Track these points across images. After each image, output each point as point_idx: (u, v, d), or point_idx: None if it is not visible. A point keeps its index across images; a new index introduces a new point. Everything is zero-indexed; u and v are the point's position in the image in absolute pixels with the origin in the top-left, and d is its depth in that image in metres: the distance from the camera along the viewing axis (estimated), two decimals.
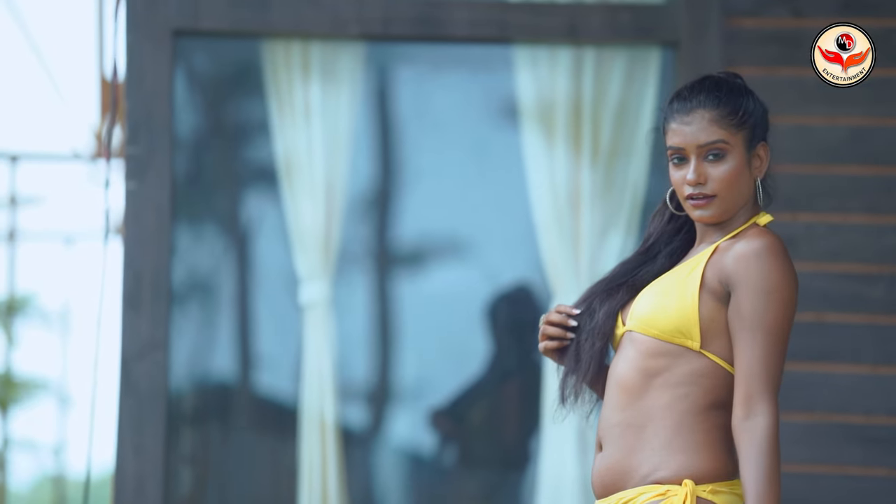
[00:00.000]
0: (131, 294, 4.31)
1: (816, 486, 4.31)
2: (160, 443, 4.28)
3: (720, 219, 2.64)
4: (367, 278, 4.61)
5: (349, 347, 4.52)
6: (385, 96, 4.63)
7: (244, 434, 4.54)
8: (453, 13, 4.45)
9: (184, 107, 4.49)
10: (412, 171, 4.65)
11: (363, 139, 4.54)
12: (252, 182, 4.64)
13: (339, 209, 4.47)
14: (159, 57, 4.38)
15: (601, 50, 4.52)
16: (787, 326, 2.59)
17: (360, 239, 4.58)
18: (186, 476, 4.44)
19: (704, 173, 2.62)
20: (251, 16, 4.44)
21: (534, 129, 4.52)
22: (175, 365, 4.39)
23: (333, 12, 4.44)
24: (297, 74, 4.48)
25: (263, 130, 4.52)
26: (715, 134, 2.62)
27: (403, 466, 4.63)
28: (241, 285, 4.54)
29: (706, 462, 2.54)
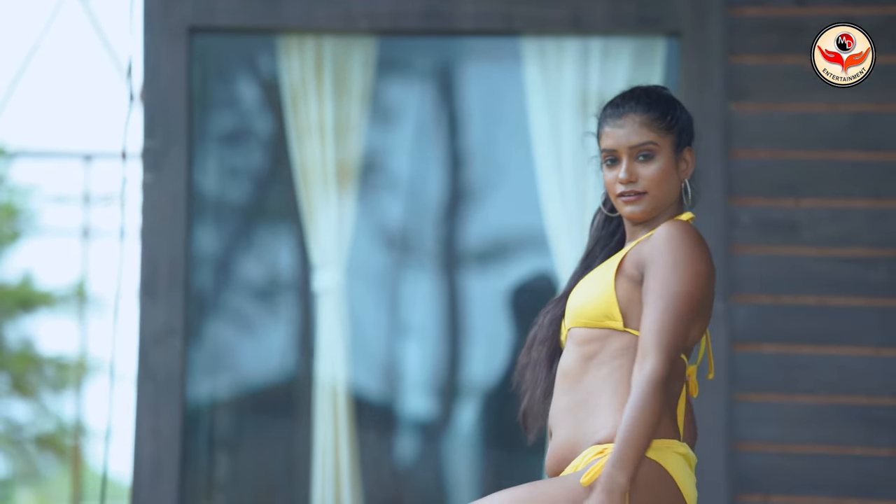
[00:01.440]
0: (148, 282, 4.37)
1: (821, 467, 4.32)
2: (177, 427, 4.34)
3: (649, 215, 2.80)
4: (378, 266, 4.66)
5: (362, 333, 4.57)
6: (396, 87, 4.69)
7: (259, 418, 4.59)
8: (460, 7, 4.49)
9: (199, 101, 4.55)
10: (426, 160, 4.70)
11: (374, 129, 4.59)
12: (267, 174, 4.69)
13: (350, 199, 4.54)
14: (175, 53, 4.45)
15: (607, 41, 4.55)
16: (690, 298, 2.66)
17: (370, 226, 4.63)
18: (203, 459, 4.48)
19: (635, 172, 2.79)
20: (264, 13, 4.50)
21: (542, 119, 4.55)
22: (192, 351, 4.45)
23: (344, 8, 4.49)
24: (310, 68, 4.54)
25: (278, 123, 4.59)
26: (645, 136, 2.79)
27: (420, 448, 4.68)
28: (256, 274, 4.60)
29: None
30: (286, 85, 4.55)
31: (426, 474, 4.58)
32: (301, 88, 4.53)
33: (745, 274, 4.39)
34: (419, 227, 4.63)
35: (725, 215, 4.39)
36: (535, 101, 4.54)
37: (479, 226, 4.67)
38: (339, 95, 4.54)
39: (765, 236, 4.41)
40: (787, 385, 4.36)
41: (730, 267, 4.37)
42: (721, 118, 4.41)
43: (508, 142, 4.68)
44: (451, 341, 4.63)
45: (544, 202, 4.51)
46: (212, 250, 4.55)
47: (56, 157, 13.52)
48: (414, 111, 4.71)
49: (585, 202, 4.49)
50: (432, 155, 4.68)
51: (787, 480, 4.34)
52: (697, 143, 2.88)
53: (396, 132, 4.69)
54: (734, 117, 4.44)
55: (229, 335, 4.60)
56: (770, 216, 4.41)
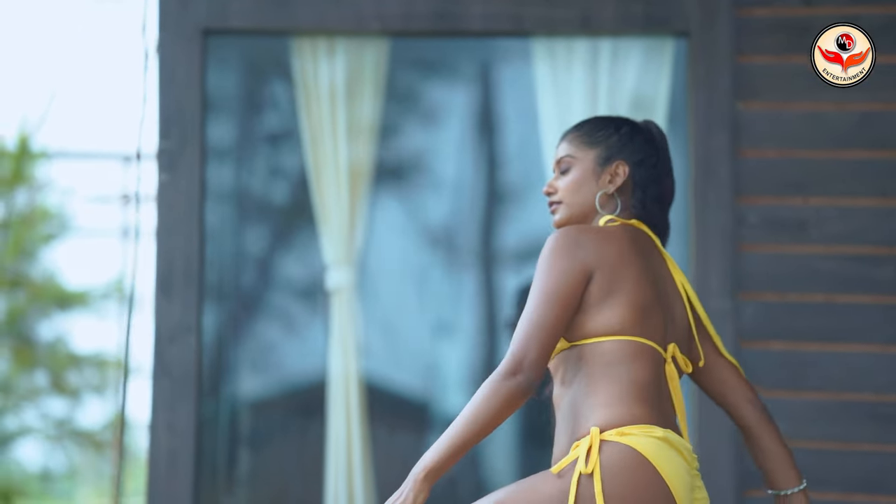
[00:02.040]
0: (164, 280, 4.41)
1: (828, 463, 4.33)
2: (192, 422, 4.38)
3: (566, 222, 2.93)
4: (398, 264, 4.69)
5: (372, 333, 4.61)
6: (406, 87, 4.71)
7: (272, 413, 4.64)
8: (469, 8, 4.52)
9: (214, 102, 4.59)
10: (428, 157, 4.73)
11: (387, 127, 4.63)
12: (280, 173, 4.73)
13: (364, 198, 4.57)
14: (190, 55, 4.49)
15: (616, 41, 4.57)
16: (542, 293, 2.73)
17: (384, 225, 4.66)
18: (218, 452, 4.53)
19: (555, 185, 2.96)
20: (277, 15, 4.53)
21: (551, 119, 4.57)
22: (206, 347, 4.50)
23: (355, 10, 4.52)
24: (324, 69, 4.58)
25: (291, 123, 4.63)
26: (564, 151, 2.97)
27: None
28: (270, 272, 4.64)
29: (613, 412, 2.68)
30: (299, 85, 4.58)
31: (466, 474, 4.61)
32: (314, 89, 4.56)
33: (752, 272, 4.40)
34: (440, 225, 4.67)
35: (733, 214, 4.40)
36: (545, 102, 4.56)
37: (500, 227, 4.70)
38: (351, 96, 4.57)
39: (773, 235, 4.42)
40: (794, 382, 4.37)
41: (737, 265, 4.39)
42: (729, 118, 4.42)
43: (519, 141, 4.70)
44: (488, 339, 4.66)
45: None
46: (228, 249, 4.60)
47: (95, 157, 13.64)
48: (425, 111, 4.74)
49: None
50: (445, 154, 4.71)
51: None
52: (650, 160, 2.96)
53: (408, 131, 4.72)
54: (742, 117, 4.45)
55: (247, 333, 4.64)
56: (778, 215, 4.42)
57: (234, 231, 4.60)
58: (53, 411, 13.34)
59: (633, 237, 2.85)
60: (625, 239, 2.81)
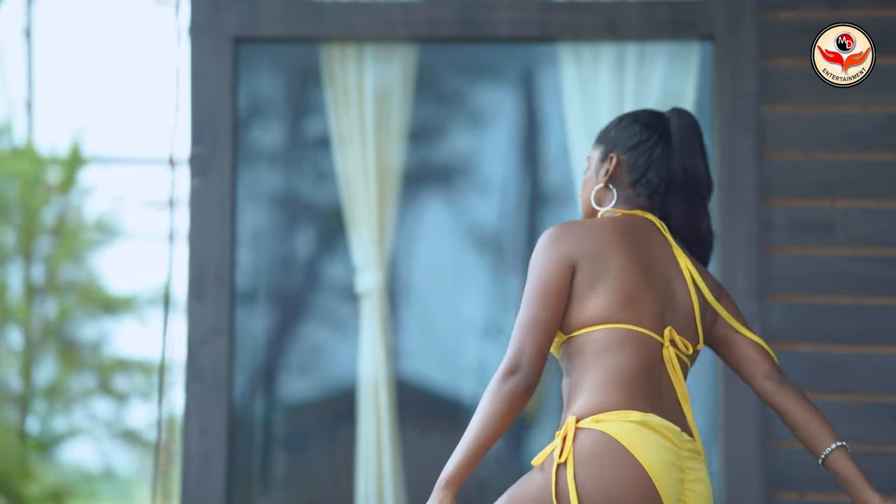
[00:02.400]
0: (196, 284, 4.46)
1: None
2: (223, 424, 4.43)
3: (584, 216, 3.01)
4: (426, 263, 4.72)
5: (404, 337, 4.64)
6: (433, 91, 4.75)
7: (305, 415, 4.68)
8: (495, 14, 4.55)
9: (245, 108, 4.64)
10: (458, 159, 4.76)
11: (416, 131, 4.66)
12: (311, 177, 4.77)
13: (392, 197, 4.61)
14: (221, 63, 4.55)
15: (643, 46, 4.58)
16: (530, 289, 2.77)
17: (420, 225, 4.70)
18: (250, 454, 4.57)
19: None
20: (307, 22, 4.57)
21: (577, 124, 4.59)
22: (240, 350, 4.55)
23: (383, 17, 4.56)
24: (352, 74, 4.62)
25: (322, 128, 4.67)
26: (588, 153, 3.07)
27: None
28: (304, 275, 4.68)
29: (593, 399, 2.70)
30: (328, 91, 4.62)
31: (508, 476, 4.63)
32: (343, 95, 4.60)
33: (779, 274, 4.40)
34: (474, 226, 4.70)
35: (759, 217, 4.41)
36: (572, 106, 4.58)
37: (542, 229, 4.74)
38: (379, 100, 4.61)
39: (799, 237, 4.42)
40: (820, 383, 4.37)
41: (764, 267, 4.39)
42: (754, 121, 4.43)
43: (548, 145, 4.73)
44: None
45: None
46: (261, 253, 4.64)
47: (143, 163, 13.75)
48: (453, 115, 4.77)
49: None
50: (478, 155, 4.74)
51: (823, 478, 4.33)
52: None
53: (438, 135, 4.75)
54: (767, 119, 4.45)
55: (278, 335, 4.69)
56: (804, 217, 4.42)
57: (266, 235, 4.65)
58: (102, 413, 13.45)
59: (626, 226, 2.85)
60: (611, 228, 2.82)
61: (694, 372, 4.43)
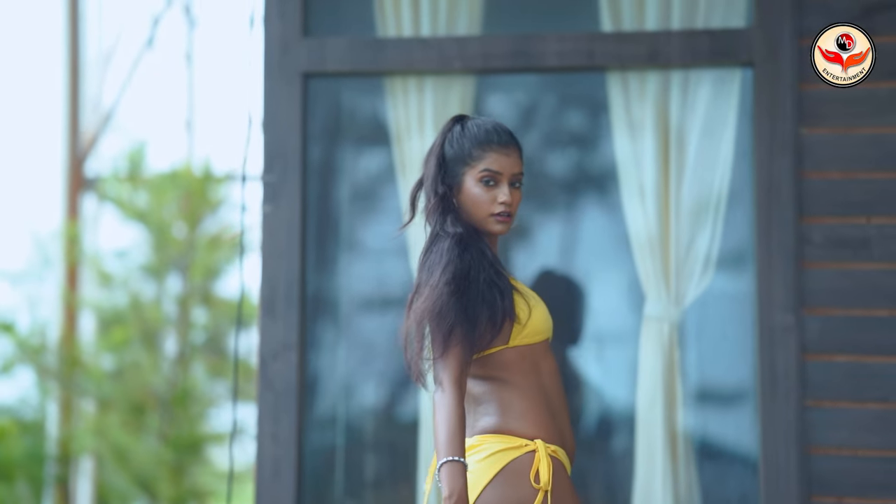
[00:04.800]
0: (268, 302, 4.65)
1: (891, 471, 4.37)
2: (293, 432, 4.61)
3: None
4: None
5: None
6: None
7: (368, 424, 4.81)
8: (545, 46, 4.67)
9: (313, 138, 4.82)
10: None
11: None
12: (374, 206, 4.91)
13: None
14: (291, 96, 4.73)
15: (687, 72, 4.67)
16: None
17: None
18: (318, 463, 4.73)
19: (513, 199, 3.22)
20: (369, 58, 4.73)
21: (625, 149, 4.69)
22: (308, 364, 4.72)
23: (439, 51, 4.71)
24: (413, 106, 4.77)
25: (385, 157, 4.83)
26: (520, 167, 3.23)
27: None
28: (363, 293, 4.83)
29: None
30: (392, 122, 4.78)
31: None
32: (405, 125, 4.76)
33: (816, 288, 4.45)
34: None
35: (796, 234, 4.47)
36: (619, 133, 4.68)
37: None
38: (438, 129, 4.74)
39: (836, 253, 4.47)
40: (857, 393, 4.42)
41: (801, 282, 4.45)
42: (792, 142, 4.49)
43: (594, 172, 4.83)
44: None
45: (630, 229, 4.67)
46: (326, 273, 4.80)
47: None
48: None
49: (668, 225, 4.63)
50: (531, 184, 4.84)
51: (860, 483, 4.39)
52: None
53: None
54: (805, 141, 4.51)
55: (349, 348, 4.82)
56: (841, 234, 4.47)
57: (333, 258, 4.80)
58: (244, 418, 13.76)
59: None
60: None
61: (733, 379, 4.54)
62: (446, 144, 3.28)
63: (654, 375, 4.56)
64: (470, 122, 3.30)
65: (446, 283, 3.09)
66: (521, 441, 3.15)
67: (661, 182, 4.64)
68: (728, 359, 4.61)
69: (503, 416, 3.18)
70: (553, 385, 3.26)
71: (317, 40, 4.76)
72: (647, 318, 4.60)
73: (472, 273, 3.13)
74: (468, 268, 3.13)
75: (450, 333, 3.06)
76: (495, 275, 3.17)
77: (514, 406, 3.18)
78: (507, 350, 3.20)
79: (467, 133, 3.27)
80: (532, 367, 3.22)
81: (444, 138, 3.30)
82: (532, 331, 3.23)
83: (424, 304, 3.10)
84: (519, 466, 3.12)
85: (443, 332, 3.06)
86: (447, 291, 3.08)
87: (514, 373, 3.20)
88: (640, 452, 4.55)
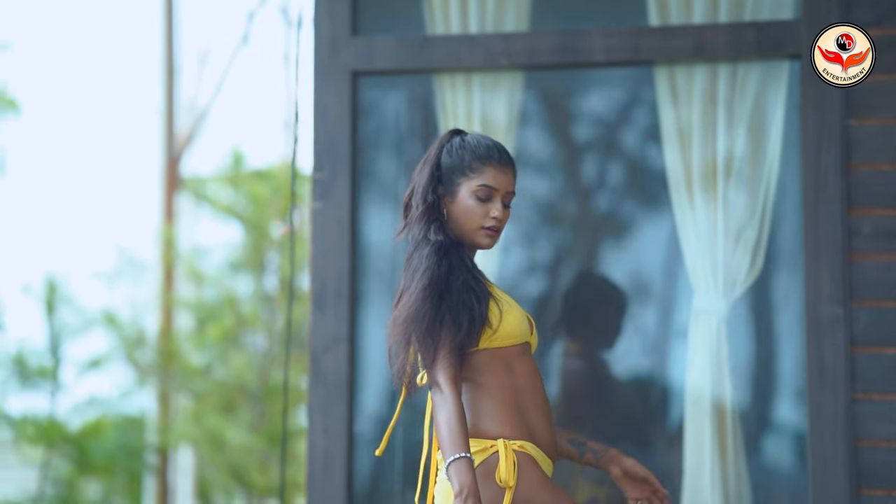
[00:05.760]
0: (319, 297, 4.67)
1: None
2: (344, 425, 4.63)
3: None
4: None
5: None
6: (538, 117, 4.86)
7: (419, 416, 4.82)
8: (591, 41, 4.64)
9: (362, 136, 4.84)
10: (560, 187, 4.86)
11: (521, 157, 4.78)
12: None
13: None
14: (340, 95, 4.75)
15: (734, 66, 4.62)
16: None
17: (520, 257, 4.82)
18: (368, 455, 4.75)
19: (503, 217, 3.30)
20: (417, 56, 4.72)
21: (673, 143, 4.65)
22: (358, 357, 4.74)
23: (485, 48, 4.69)
24: (462, 102, 4.78)
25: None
26: (513, 187, 3.32)
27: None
28: None
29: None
30: (440, 120, 4.78)
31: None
32: (453, 123, 4.75)
33: (865, 280, 4.37)
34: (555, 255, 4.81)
35: (844, 226, 4.40)
36: (667, 127, 4.65)
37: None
38: (486, 127, 4.75)
39: (885, 245, 4.40)
40: (890, 386, 4.35)
41: (849, 274, 4.39)
42: (840, 134, 4.42)
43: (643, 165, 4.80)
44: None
45: (678, 223, 4.62)
46: (374, 268, 4.82)
47: None
48: (558, 138, 4.88)
49: (715, 221, 4.58)
50: (570, 182, 4.83)
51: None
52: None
53: (545, 159, 4.86)
54: (853, 133, 4.44)
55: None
56: (890, 225, 4.39)
57: (384, 251, 4.82)
58: None
59: None
60: None
61: (781, 372, 4.48)
62: (444, 154, 3.37)
63: (702, 369, 4.51)
64: (469, 136, 3.39)
65: (423, 289, 3.18)
66: (487, 443, 3.21)
67: (710, 176, 4.59)
68: (776, 352, 4.56)
69: (473, 417, 3.25)
70: (527, 383, 3.30)
71: (365, 39, 4.78)
72: (695, 312, 4.56)
73: (450, 278, 3.20)
74: (447, 273, 3.20)
75: (435, 337, 3.15)
76: (473, 280, 3.23)
77: (482, 407, 3.25)
78: (479, 353, 3.27)
79: (468, 145, 3.35)
80: (504, 368, 3.29)
81: (440, 149, 3.39)
82: (504, 335, 3.28)
83: (404, 311, 3.21)
84: (487, 469, 3.19)
85: (429, 337, 3.15)
86: (423, 297, 3.17)
87: (485, 374, 3.27)
88: (689, 445, 4.51)
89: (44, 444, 13.54)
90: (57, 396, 14.12)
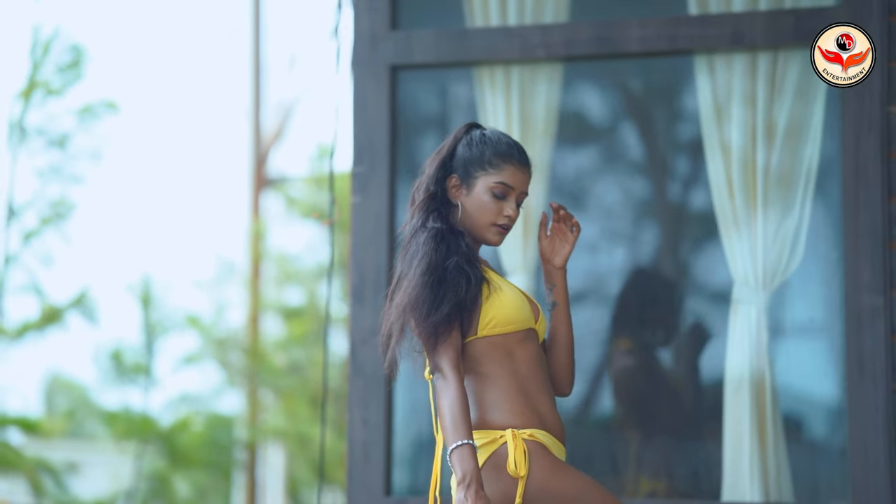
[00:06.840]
0: (357, 290, 4.65)
1: None
2: (382, 416, 4.61)
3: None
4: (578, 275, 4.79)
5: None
6: (574, 106, 4.82)
7: None
8: (627, 31, 4.58)
9: (402, 130, 4.81)
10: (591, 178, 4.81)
11: (559, 146, 4.74)
12: None
13: (538, 209, 4.71)
14: (379, 89, 4.73)
15: (775, 54, 4.54)
16: None
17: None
18: (408, 447, 4.73)
19: (515, 215, 3.29)
20: (455, 49, 4.68)
21: (712, 132, 4.58)
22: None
23: (522, 40, 4.65)
24: (500, 95, 4.74)
25: None
26: (527, 188, 3.31)
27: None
28: None
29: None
30: (479, 112, 4.74)
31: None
32: (493, 115, 4.72)
33: None
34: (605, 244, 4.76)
35: (884, 214, 4.30)
36: (707, 116, 4.58)
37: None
38: (525, 117, 4.71)
39: None
40: None
41: (889, 263, 4.29)
42: (880, 121, 4.32)
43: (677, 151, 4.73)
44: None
45: (718, 212, 4.55)
46: None
47: None
48: (599, 128, 4.83)
49: (755, 208, 4.50)
50: (618, 169, 4.78)
51: None
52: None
53: (580, 147, 4.82)
54: (894, 120, 4.34)
55: None
56: None
57: None
58: None
59: None
60: None
61: (821, 362, 4.39)
62: (462, 146, 3.32)
63: (741, 359, 4.44)
64: (489, 131, 3.36)
65: (421, 275, 3.16)
66: (496, 434, 3.17)
67: (749, 165, 4.51)
68: (816, 342, 4.47)
69: (479, 409, 3.20)
70: (530, 370, 3.25)
71: (404, 33, 4.75)
72: (735, 302, 4.48)
73: (446, 262, 3.17)
74: (443, 258, 3.17)
75: (435, 322, 3.11)
76: (466, 263, 3.18)
77: (488, 397, 3.21)
78: (477, 341, 3.23)
79: (489, 140, 3.31)
80: (505, 355, 3.23)
81: (455, 142, 3.35)
82: (503, 321, 3.23)
83: (404, 297, 3.18)
84: (498, 460, 3.15)
85: (428, 323, 3.12)
86: (422, 283, 3.14)
87: (487, 363, 3.22)
88: (728, 436, 4.43)
89: (136, 439, 13.71)
90: (150, 392, 14.29)
